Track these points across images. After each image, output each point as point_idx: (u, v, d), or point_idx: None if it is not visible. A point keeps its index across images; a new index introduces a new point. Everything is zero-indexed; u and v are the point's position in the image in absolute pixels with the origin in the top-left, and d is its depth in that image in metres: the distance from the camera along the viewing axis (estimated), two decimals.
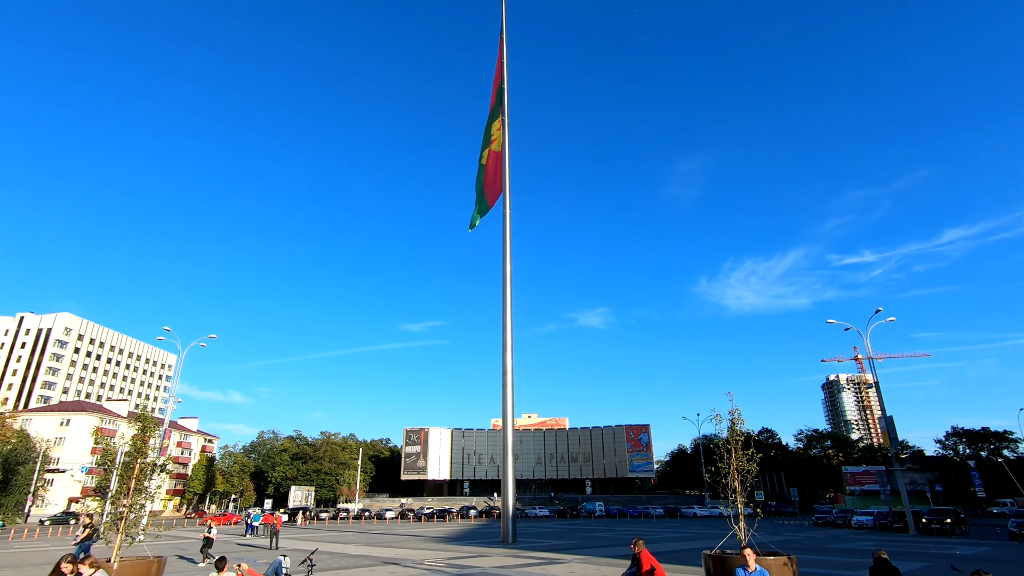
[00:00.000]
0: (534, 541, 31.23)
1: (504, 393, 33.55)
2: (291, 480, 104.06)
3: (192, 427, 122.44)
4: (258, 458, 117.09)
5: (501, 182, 38.68)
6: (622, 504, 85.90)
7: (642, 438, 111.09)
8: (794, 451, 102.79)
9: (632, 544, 10.17)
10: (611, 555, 22.57)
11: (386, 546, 28.65)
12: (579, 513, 76.52)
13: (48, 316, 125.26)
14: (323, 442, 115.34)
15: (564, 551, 24.92)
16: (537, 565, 19.13)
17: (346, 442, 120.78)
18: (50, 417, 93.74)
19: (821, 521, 50.72)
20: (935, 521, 36.97)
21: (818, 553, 23.65)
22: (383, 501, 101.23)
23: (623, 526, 50.40)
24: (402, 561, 20.88)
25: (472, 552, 24.55)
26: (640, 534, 37.16)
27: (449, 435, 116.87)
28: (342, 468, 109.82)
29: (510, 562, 20.16)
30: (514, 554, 23.57)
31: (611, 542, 30.07)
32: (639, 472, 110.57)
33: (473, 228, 40.41)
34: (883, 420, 40.06)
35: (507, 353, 34.35)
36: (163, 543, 33.99)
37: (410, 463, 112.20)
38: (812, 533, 38.67)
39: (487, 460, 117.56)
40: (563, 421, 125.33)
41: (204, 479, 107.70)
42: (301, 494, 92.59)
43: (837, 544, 28.38)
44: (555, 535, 36.65)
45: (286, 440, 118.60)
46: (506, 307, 35.23)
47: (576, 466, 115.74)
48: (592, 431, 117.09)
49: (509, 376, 33.91)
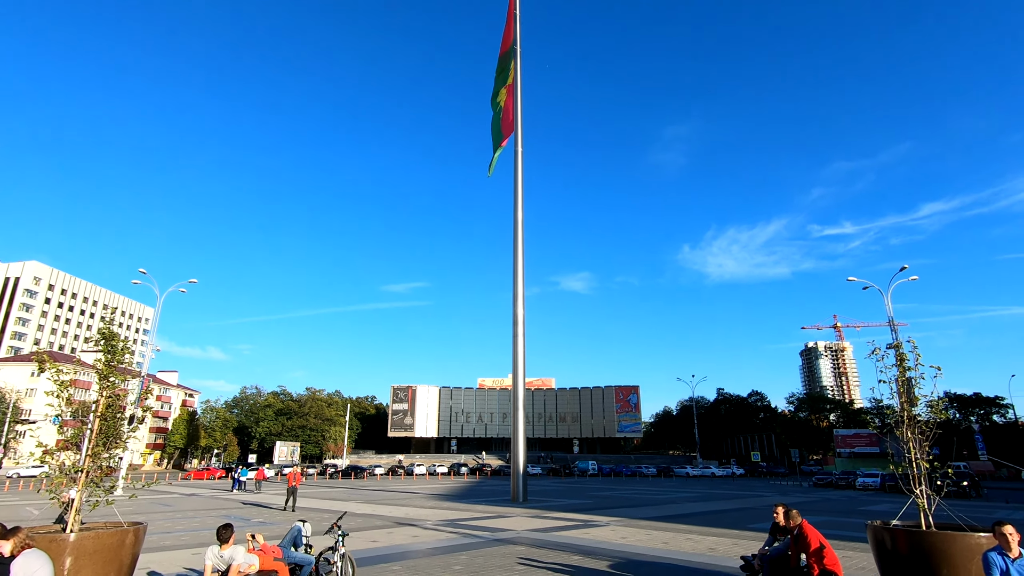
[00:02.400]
0: (546, 500, 29.41)
1: (515, 346, 31.14)
2: (276, 436, 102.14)
3: (172, 381, 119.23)
4: (241, 413, 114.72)
5: (513, 118, 35.63)
6: (613, 463, 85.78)
7: (631, 399, 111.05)
8: (782, 414, 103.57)
9: (777, 514, 7.78)
10: (644, 516, 20.65)
11: (390, 504, 26.53)
12: (572, 471, 76.02)
13: (16, 264, 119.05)
14: (308, 398, 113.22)
15: (586, 511, 22.99)
16: (573, 528, 17.00)
17: (331, 399, 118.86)
18: (20, 368, 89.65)
19: (822, 483, 50.16)
20: (951, 484, 36.01)
21: (863, 517, 22.03)
22: (370, 457, 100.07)
23: (624, 485, 49.32)
24: (418, 522, 18.63)
25: (489, 512, 22.46)
26: (643, 494, 35.62)
27: (437, 393, 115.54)
28: (328, 424, 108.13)
29: (540, 524, 18.03)
30: (536, 514, 21.54)
31: (630, 502, 28.35)
32: (627, 432, 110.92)
33: (491, 172, 37.52)
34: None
35: (518, 302, 31.79)
36: (141, 502, 31.50)
37: (397, 420, 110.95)
38: (822, 495, 37.67)
39: (475, 418, 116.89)
40: (549, 382, 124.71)
41: (185, 433, 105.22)
42: (286, 450, 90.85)
43: (865, 507, 26.99)
44: (563, 494, 35.00)
45: (270, 396, 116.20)
46: (517, 250, 32.47)
47: (564, 426, 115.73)
48: (580, 391, 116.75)
49: (520, 327, 31.45)
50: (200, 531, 16.41)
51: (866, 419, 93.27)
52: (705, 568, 10.52)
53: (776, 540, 7.83)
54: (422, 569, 10.29)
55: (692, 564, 10.93)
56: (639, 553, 12.20)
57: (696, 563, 11.04)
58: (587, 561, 11.16)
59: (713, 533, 15.92)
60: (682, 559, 11.47)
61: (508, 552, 12.30)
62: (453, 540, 14.25)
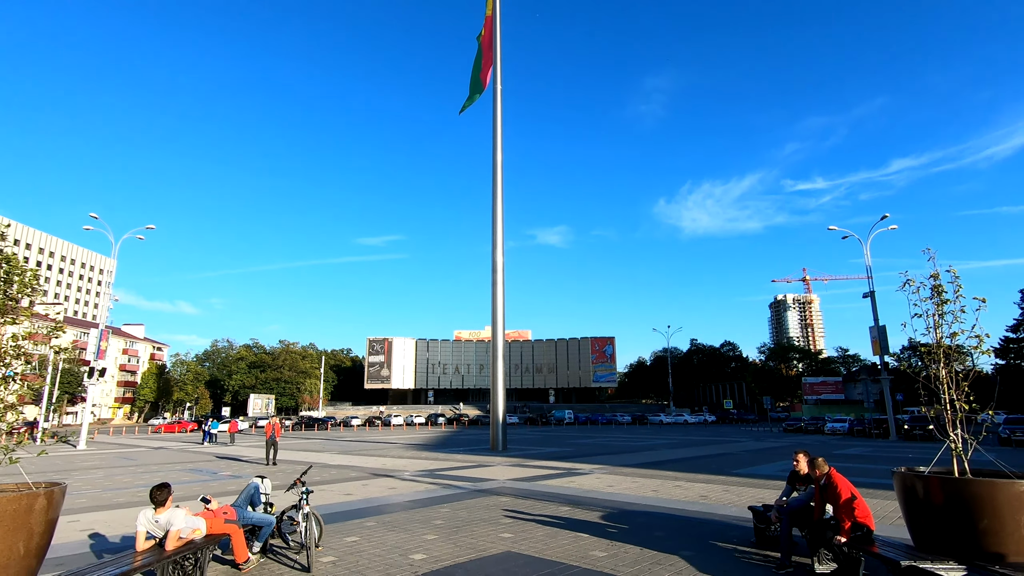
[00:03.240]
0: (525, 448, 29.14)
1: (494, 290, 30.12)
2: (249, 388, 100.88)
3: (138, 334, 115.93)
4: (213, 367, 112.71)
5: (492, 51, 33.42)
6: (589, 412, 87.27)
7: (607, 350, 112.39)
8: (752, 363, 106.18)
9: (798, 462, 6.98)
10: (627, 463, 20.33)
11: (366, 455, 25.84)
12: (549, 420, 77.04)
13: None
14: (282, 351, 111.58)
15: (567, 459, 22.65)
16: (557, 477, 16.46)
17: (306, 351, 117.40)
18: None
19: (792, 428, 51.52)
20: (917, 427, 37.13)
21: (844, 461, 22.14)
22: (347, 409, 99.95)
23: (601, 433, 49.87)
24: (395, 472, 17.89)
25: (469, 461, 21.91)
26: (621, 441, 35.77)
27: (413, 345, 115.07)
28: (303, 377, 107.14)
29: (522, 473, 17.47)
30: (517, 463, 21.06)
31: (609, 449, 28.26)
32: (603, 382, 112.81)
33: (463, 111, 35.27)
34: (875, 329, 39.22)
35: (497, 248, 30.56)
36: (103, 456, 30.30)
37: (373, 372, 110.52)
38: (794, 439, 38.49)
39: (451, 370, 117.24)
40: (526, 333, 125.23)
41: (155, 387, 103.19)
42: (261, 402, 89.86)
43: (840, 451, 27.38)
44: (541, 443, 34.92)
45: (242, 349, 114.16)
46: (496, 187, 30.99)
47: (540, 376, 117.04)
48: (557, 343, 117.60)
49: (499, 274, 30.36)
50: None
51: (833, 367, 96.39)
52: (703, 517, 9.89)
53: (795, 490, 7.07)
54: (400, 524, 9.42)
55: (688, 513, 10.32)
56: (630, 502, 11.58)
57: (691, 511, 10.44)
58: (577, 512, 10.46)
59: (700, 480, 15.53)
60: (676, 508, 10.87)
61: (492, 504, 11.55)
62: (433, 491, 13.48)
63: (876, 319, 38.98)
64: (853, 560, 6.00)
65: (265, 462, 21.53)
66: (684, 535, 8.46)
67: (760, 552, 7.40)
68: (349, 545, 7.94)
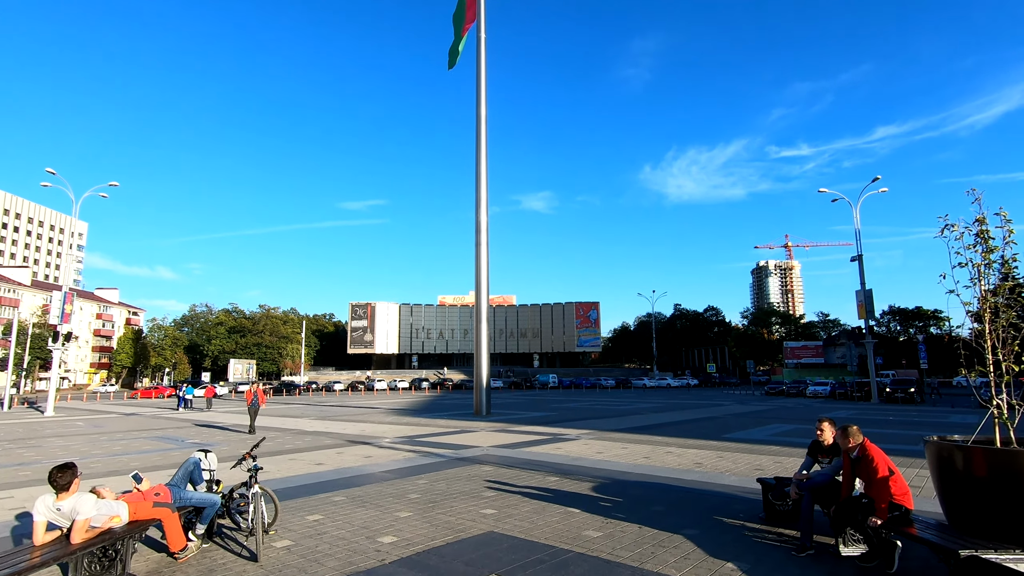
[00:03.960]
0: (509, 413, 28.56)
1: (478, 254, 28.96)
2: (229, 354, 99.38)
3: (112, 299, 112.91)
4: (192, 332, 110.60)
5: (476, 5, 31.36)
6: (573, 376, 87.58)
7: (591, 315, 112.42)
8: (735, 327, 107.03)
9: (823, 431, 6.11)
10: (614, 428, 19.75)
11: (346, 420, 25.01)
12: (533, 384, 77.12)
13: None
14: (262, 316, 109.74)
15: (553, 424, 22.06)
16: (543, 443, 15.73)
17: (287, 316, 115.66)
18: None
19: (774, 391, 51.92)
20: (899, 390, 37.34)
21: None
22: (329, 374, 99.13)
23: (585, 396, 49.77)
24: (373, 439, 17.04)
25: (451, 427, 21.17)
26: (606, 405, 35.43)
27: (396, 310, 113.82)
28: (284, 342, 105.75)
29: (506, 439, 16.73)
30: (501, 428, 20.37)
31: (595, 413, 27.80)
32: (587, 347, 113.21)
33: (452, 66, 32.90)
34: (861, 293, 38.95)
35: (481, 206, 29.24)
36: (68, 423, 29.10)
37: (356, 337, 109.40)
38: (777, 402, 38.56)
39: (435, 335, 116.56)
40: (510, 298, 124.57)
41: (132, 352, 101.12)
42: (242, 367, 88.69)
43: (825, 414, 27.16)
44: (526, 407, 34.43)
45: (221, 313, 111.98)
46: (480, 145, 29.50)
47: (525, 341, 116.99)
48: (541, 308, 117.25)
49: (483, 234, 29.13)
50: (121, 456, 14.29)
51: (814, 332, 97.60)
52: (702, 488, 9.16)
53: (818, 462, 6.24)
54: (371, 499, 8.52)
55: (685, 483, 9.58)
56: (623, 471, 10.84)
57: (689, 481, 9.70)
58: (566, 483, 9.66)
59: (692, 445, 14.91)
60: (672, 477, 10.13)
61: (474, 474, 10.72)
62: (411, 460, 12.63)
63: (863, 282, 38.71)
64: (888, 544, 5.21)
65: (247, 430, 20.36)
66: (685, 509, 7.68)
67: (772, 530, 6.63)
68: (311, 525, 7.00)
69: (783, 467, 11.06)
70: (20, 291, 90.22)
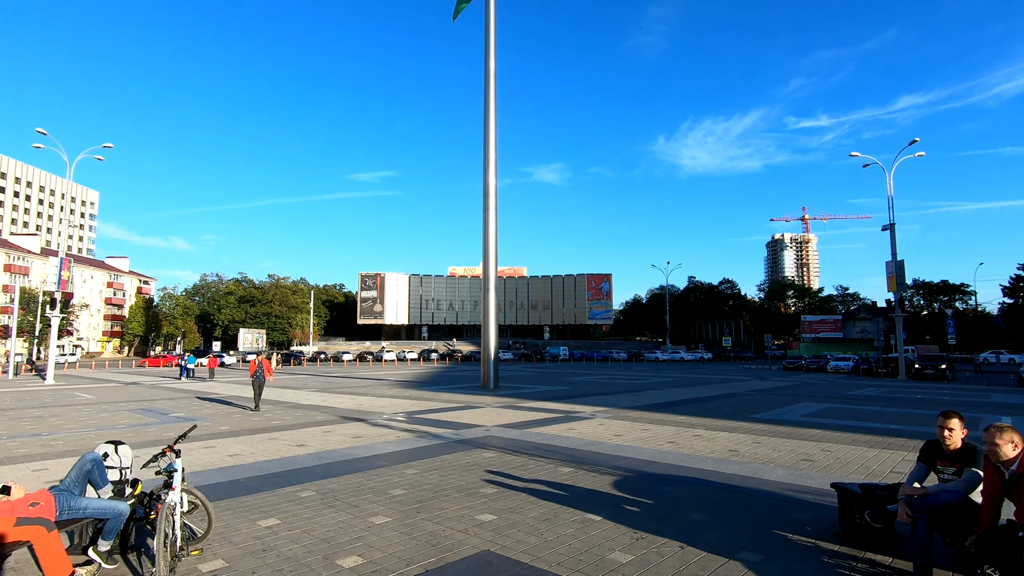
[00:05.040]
0: (518, 387, 27.18)
1: (486, 220, 27.21)
2: (239, 323, 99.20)
3: (123, 267, 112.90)
4: (202, 301, 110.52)
5: None
6: (584, 349, 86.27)
7: (603, 287, 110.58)
8: (750, 301, 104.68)
9: (951, 431, 4.32)
10: (630, 405, 18.24)
11: (346, 392, 23.76)
12: (543, 357, 75.97)
13: None
14: (272, 285, 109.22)
15: (564, 399, 20.62)
16: (554, 422, 14.24)
17: (297, 286, 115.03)
18: None
19: (792, 366, 50.13)
20: (929, 366, 35.42)
21: (865, 403, 20.14)
22: (339, 344, 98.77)
23: (597, 370, 48.40)
24: (368, 416, 15.67)
25: (456, 402, 19.79)
26: (619, 379, 33.68)
27: (407, 280, 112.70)
28: (294, 312, 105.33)
29: (514, 416, 15.28)
30: (509, 403, 18.95)
31: (608, 388, 26.33)
32: (598, 319, 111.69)
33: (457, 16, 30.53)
34: (892, 264, 36.70)
35: (490, 170, 27.34)
36: (60, 392, 28.23)
37: (366, 308, 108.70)
38: (798, 378, 36.86)
39: (445, 306, 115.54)
40: (521, 270, 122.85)
41: (143, 321, 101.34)
42: (251, 337, 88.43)
43: (854, 391, 25.48)
44: (536, 380, 33.08)
45: (231, 283, 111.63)
46: (488, 104, 27.44)
47: (535, 313, 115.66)
48: (552, 279, 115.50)
49: (492, 198, 27.32)
50: (91, 432, 13.03)
51: (832, 306, 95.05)
52: (747, 486, 7.57)
53: (939, 472, 4.56)
54: (346, 495, 7.05)
55: (724, 479, 7.99)
56: (647, 460, 9.28)
57: (728, 476, 8.12)
58: (582, 476, 8.13)
59: (720, 427, 13.33)
60: (707, 469, 8.55)
61: (473, 461, 9.23)
62: (404, 442, 11.19)
63: (894, 252, 36.40)
64: None
65: (250, 404, 18.44)
66: (733, 518, 6.10)
67: (858, 555, 5.01)
68: (260, 536, 5.52)
69: (837, 459, 9.43)
70: (30, 259, 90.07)
